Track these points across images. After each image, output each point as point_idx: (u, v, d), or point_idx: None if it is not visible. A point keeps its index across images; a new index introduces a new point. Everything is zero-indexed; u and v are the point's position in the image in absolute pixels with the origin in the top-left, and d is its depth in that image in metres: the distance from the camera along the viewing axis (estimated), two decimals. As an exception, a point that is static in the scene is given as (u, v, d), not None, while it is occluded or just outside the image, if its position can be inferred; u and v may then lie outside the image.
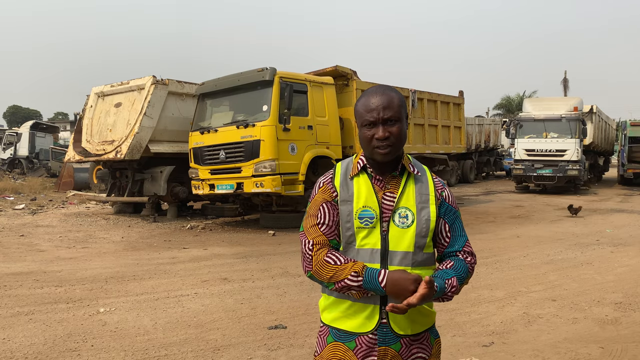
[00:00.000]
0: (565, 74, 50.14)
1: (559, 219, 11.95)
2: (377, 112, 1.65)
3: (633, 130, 22.62)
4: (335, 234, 1.69)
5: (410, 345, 1.68)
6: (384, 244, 1.65)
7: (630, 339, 4.17)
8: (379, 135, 1.65)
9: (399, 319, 1.64)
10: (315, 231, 1.69)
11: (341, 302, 1.68)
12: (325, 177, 1.77)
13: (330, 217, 1.69)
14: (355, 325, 1.66)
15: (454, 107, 15.08)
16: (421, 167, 1.77)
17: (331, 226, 1.69)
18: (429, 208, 1.69)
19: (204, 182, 10.54)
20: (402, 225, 1.66)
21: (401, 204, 1.67)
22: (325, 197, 1.72)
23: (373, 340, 1.64)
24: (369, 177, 1.71)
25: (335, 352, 1.68)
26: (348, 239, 1.69)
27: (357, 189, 1.70)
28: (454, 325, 4.48)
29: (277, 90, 9.65)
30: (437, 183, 1.75)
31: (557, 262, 7.19)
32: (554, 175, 17.97)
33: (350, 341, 1.66)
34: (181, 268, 6.88)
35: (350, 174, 1.73)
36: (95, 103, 12.47)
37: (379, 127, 1.65)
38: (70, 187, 18.59)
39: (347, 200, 1.69)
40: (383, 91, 1.70)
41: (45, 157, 26.20)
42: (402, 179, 1.71)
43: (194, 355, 3.83)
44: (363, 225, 1.66)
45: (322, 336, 1.74)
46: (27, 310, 4.92)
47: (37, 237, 9.40)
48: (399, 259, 1.64)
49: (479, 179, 26.20)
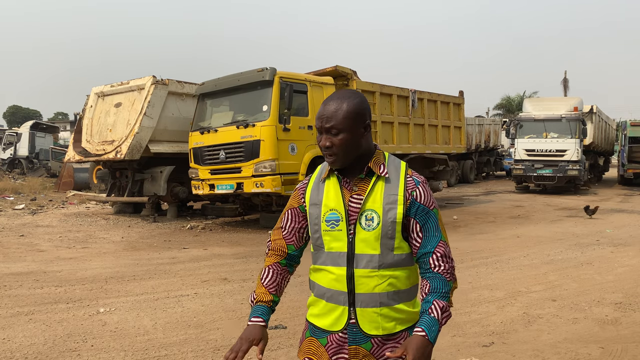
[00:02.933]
0: (565, 74, 50.23)
1: (559, 219, 11.94)
2: (321, 120, 1.68)
3: (633, 130, 22.61)
4: (293, 241, 1.81)
5: (382, 344, 1.69)
6: (350, 247, 1.67)
7: (630, 339, 4.17)
8: (322, 144, 1.68)
9: (367, 320, 1.66)
10: (277, 234, 1.84)
11: (319, 300, 1.76)
12: (302, 182, 1.84)
13: (291, 223, 1.81)
14: (327, 324, 1.72)
15: (454, 107, 15.08)
16: (397, 165, 1.74)
17: (290, 232, 1.81)
18: (396, 209, 1.66)
19: (204, 182, 10.54)
20: (367, 227, 1.66)
21: (367, 206, 1.67)
22: (292, 203, 1.82)
23: (343, 339, 1.69)
24: (338, 179, 1.73)
25: (310, 346, 1.76)
26: (316, 241, 1.74)
27: (327, 192, 1.73)
28: (454, 325, 4.47)
29: (277, 90, 9.65)
30: (409, 182, 1.70)
31: (557, 262, 7.19)
32: (554, 175, 17.96)
33: (323, 338, 1.73)
34: (181, 268, 6.88)
35: (322, 177, 1.75)
36: (95, 103, 12.47)
37: (323, 136, 1.68)
38: (70, 187, 18.59)
39: (316, 203, 1.73)
40: (337, 98, 1.69)
41: (45, 157, 26.19)
42: (371, 181, 1.69)
43: (194, 355, 3.83)
44: (329, 228, 1.69)
45: (303, 331, 1.84)
46: (27, 310, 4.92)
47: (37, 237, 9.40)
48: (364, 261, 1.66)
49: (479, 179, 26.20)
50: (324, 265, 1.72)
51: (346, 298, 1.67)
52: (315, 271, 1.78)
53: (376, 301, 1.65)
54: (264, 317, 1.73)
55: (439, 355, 3.80)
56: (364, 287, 1.65)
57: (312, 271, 1.80)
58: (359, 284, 1.65)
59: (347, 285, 1.66)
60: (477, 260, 7.30)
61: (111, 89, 12.25)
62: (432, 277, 1.65)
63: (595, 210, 12.08)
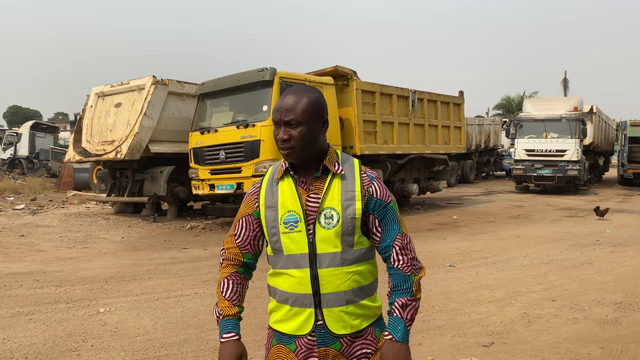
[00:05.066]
0: (565, 74, 50.23)
1: (559, 219, 11.94)
2: (279, 113, 1.65)
3: (633, 130, 22.62)
4: (247, 249, 1.77)
5: (351, 343, 1.68)
6: (311, 247, 1.65)
7: (630, 339, 4.17)
8: (279, 137, 1.65)
9: (334, 320, 1.65)
10: (231, 242, 1.79)
11: (282, 306, 1.71)
12: (254, 186, 1.79)
13: (245, 231, 1.76)
14: (294, 328, 1.68)
15: (454, 107, 15.07)
16: (351, 162, 1.73)
17: (244, 240, 1.77)
18: (354, 205, 1.65)
19: (204, 182, 10.54)
20: (327, 226, 1.64)
21: (326, 204, 1.65)
22: (246, 210, 1.76)
23: (312, 342, 1.67)
24: (293, 179, 1.70)
25: (279, 353, 1.72)
26: (275, 244, 1.70)
27: (282, 193, 1.70)
28: (454, 325, 4.48)
29: (277, 90, 9.65)
30: (365, 178, 1.70)
31: (557, 262, 7.19)
32: (554, 175, 17.96)
33: (291, 343, 1.69)
34: (181, 268, 6.88)
35: (276, 178, 1.72)
36: (95, 103, 12.47)
37: (281, 128, 1.66)
38: (70, 187, 18.59)
39: (272, 206, 1.70)
40: (296, 92, 1.68)
41: (45, 157, 26.19)
42: (327, 179, 1.68)
43: (194, 355, 3.83)
44: (288, 230, 1.66)
45: (269, 339, 1.78)
46: (27, 310, 4.92)
47: (37, 237, 9.40)
48: (327, 260, 1.64)
49: (479, 179, 26.20)
50: (285, 269, 1.68)
51: (312, 300, 1.64)
52: (274, 276, 1.74)
53: (342, 299, 1.65)
54: (236, 330, 1.72)
55: (439, 355, 3.80)
56: (329, 287, 1.64)
57: (271, 276, 1.75)
58: (324, 283, 1.64)
59: (311, 286, 1.64)
60: (477, 260, 7.30)
61: (111, 89, 12.25)
62: (392, 275, 1.68)
63: (606, 211, 11.81)
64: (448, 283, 6.00)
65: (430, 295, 5.37)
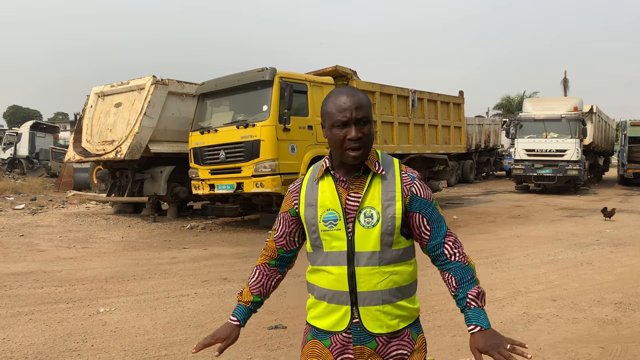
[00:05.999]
0: (565, 74, 50.23)
1: (559, 219, 11.94)
2: (350, 111, 1.64)
3: (633, 130, 22.62)
4: (282, 244, 1.85)
5: (388, 342, 1.69)
6: (349, 245, 1.66)
7: (630, 339, 4.17)
8: (352, 136, 1.63)
9: (371, 319, 1.67)
10: (271, 235, 1.90)
11: (320, 302, 1.74)
12: (294, 185, 1.83)
13: (283, 227, 1.84)
14: (330, 324, 1.71)
15: (454, 107, 15.08)
16: (390, 162, 1.75)
17: (281, 236, 1.85)
18: (394, 205, 1.67)
19: (204, 182, 10.54)
20: (367, 225, 1.66)
21: (366, 203, 1.66)
22: (284, 207, 1.83)
23: (347, 339, 1.68)
24: (333, 179, 1.72)
25: (314, 349, 1.75)
26: (314, 241, 1.73)
27: (322, 192, 1.72)
28: (454, 325, 4.48)
29: (277, 90, 9.65)
30: (405, 178, 1.71)
31: (557, 262, 7.19)
32: (554, 175, 17.96)
33: (326, 339, 1.72)
34: (181, 268, 6.88)
35: (316, 177, 1.74)
36: (95, 103, 12.48)
37: (352, 128, 1.64)
38: (70, 187, 18.59)
39: (312, 204, 1.72)
40: (352, 92, 1.69)
41: (45, 157, 26.20)
42: (367, 178, 1.69)
43: (194, 355, 3.83)
44: (328, 228, 1.68)
45: (305, 333, 1.82)
46: (27, 310, 4.92)
47: (37, 237, 9.40)
48: (365, 259, 1.66)
49: (479, 179, 26.20)
50: (323, 266, 1.71)
51: (348, 297, 1.66)
52: (313, 272, 1.77)
53: (378, 299, 1.66)
54: (239, 316, 1.84)
55: (439, 355, 3.80)
56: (366, 285, 1.65)
57: (310, 273, 1.79)
58: (361, 282, 1.65)
59: (348, 284, 1.66)
60: (477, 260, 7.30)
61: (111, 89, 12.25)
62: (452, 269, 1.70)
63: (613, 212, 11.55)
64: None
65: (430, 295, 5.37)
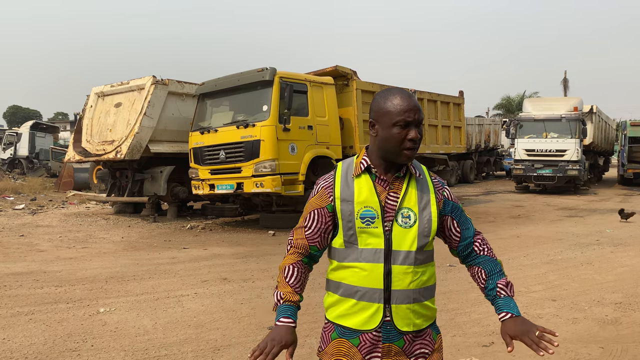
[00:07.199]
0: (565, 74, 50.20)
1: (559, 219, 11.94)
2: (413, 113, 1.67)
3: (633, 130, 22.62)
4: (317, 241, 1.78)
5: (413, 341, 1.71)
6: (387, 243, 1.68)
7: (630, 339, 4.17)
8: (413, 136, 1.67)
9: (401, 317, 1.67)
10: (300, 233, 1.81)
11: (346, 300, 1.71)
12: (325, 181, 1.80)
13: (317, 224, 1.77)
14: (360, 323, 1.68)
15: (454, 107, 15.08)
16: (421, 168, 1.81)
17: (315, 232, 1.78)
18: (430, 209, 1.73)
19: (204, 182, 10.54)
20: (404, 225, 1.69)
21: (404, 204, 1.71)
22: (319, 203, 1.77)
23: (377, 337, 1.68)
24: (372, 177, 1.73)
25: (340, 347, 1.71)
26: (350, 238, 1.71)
27: (359, 189, 1.72)
28: (454, 325, 4.48)
29: (277, 90, 9.65)
30: (437, 183, 1.80)
31: (557, 262, 7.19)
32: (554, 175, 17.97)
33: (355, 338, 1.69)
34: (181, 268, 6.88)
35: (353, 174, 1.75)
36: (95, 103, 12.48)
37: (413, 129, 1.68)
38: (70, 187, 18.59)
39: (348, 200, 1.72)
40: (407, 94, 1.72)
41: (45, 157, 26.21)
42: (405, 180, 1.74)
43: (194, 355, 3.83)
44: (365, 225, 1.68)
45: (326, 332, 1.77)
46: (27, 310, 4.92)
47: (37, 237, 9.40)
48: (401, 258, 1.68)
49: (479, 179, 26.20)
50: (356, 262, 1.69)
51: (381, 295, 1.66)
52: (340, 269, 1.74)
53: (410, 297, 1.68)
54: (294, 317, 1.71)
55: (439, 355, 3.79)
56: (400, 284, 1.67)
57: (335, 270, 1.76)
58: (396, 280, 1.67)
59: (383, 282, 1.66)
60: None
61: (111, 89, 12.25)
62: (482, 262, 1.82)
63: (632, 214, 11.10)
64: (448, 283, 6.00)
65: (430, 295, 5.36)
